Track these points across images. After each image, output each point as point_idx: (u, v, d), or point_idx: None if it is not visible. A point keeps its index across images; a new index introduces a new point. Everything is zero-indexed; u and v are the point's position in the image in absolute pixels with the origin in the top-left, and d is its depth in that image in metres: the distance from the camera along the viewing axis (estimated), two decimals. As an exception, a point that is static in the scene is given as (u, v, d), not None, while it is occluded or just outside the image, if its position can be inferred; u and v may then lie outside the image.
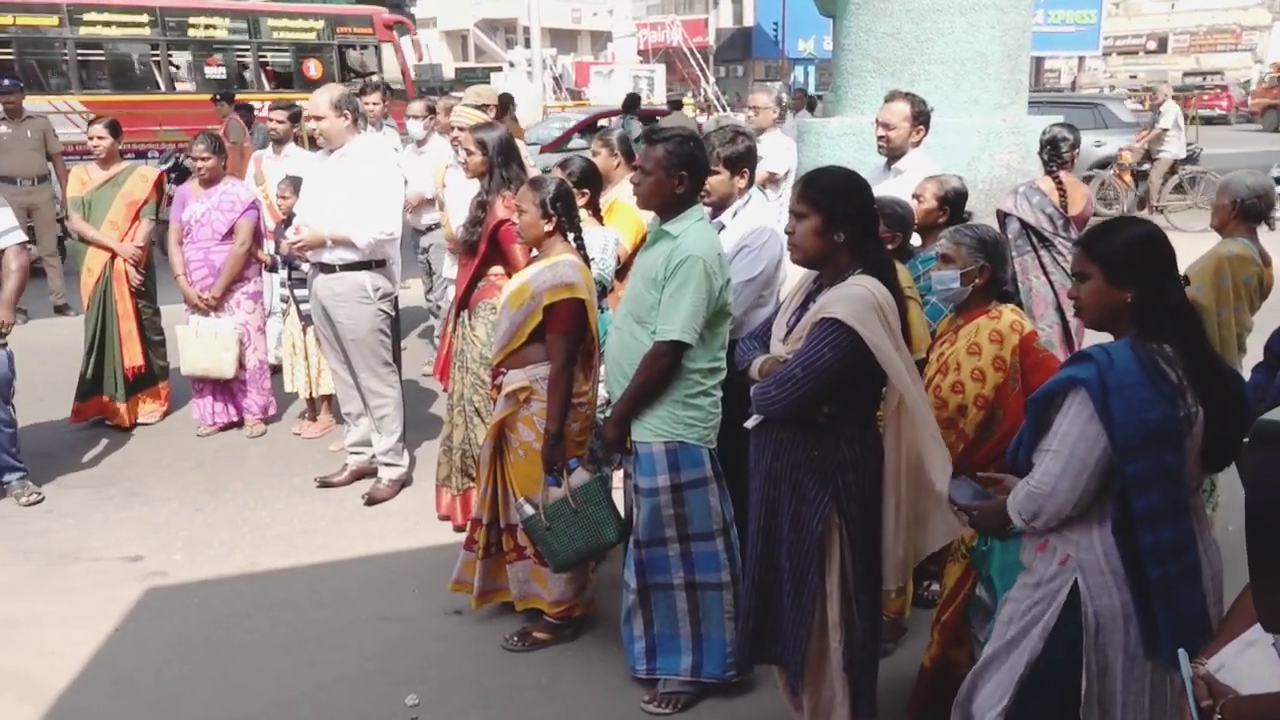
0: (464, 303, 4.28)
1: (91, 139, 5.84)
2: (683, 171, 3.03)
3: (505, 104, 7.76)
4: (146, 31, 15.33)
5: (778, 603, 2.70)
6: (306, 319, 5.38)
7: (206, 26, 16.09)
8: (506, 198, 4.00)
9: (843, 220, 2.53)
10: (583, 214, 3.94)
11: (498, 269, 4.20)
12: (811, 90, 25.98)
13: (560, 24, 45.40)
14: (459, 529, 4.38)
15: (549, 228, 3.45)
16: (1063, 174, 4.90)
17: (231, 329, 5.60)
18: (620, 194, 4.51)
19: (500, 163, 4.22)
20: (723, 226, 3.47)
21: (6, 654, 3.58)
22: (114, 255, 5.71)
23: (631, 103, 13.92)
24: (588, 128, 15.05)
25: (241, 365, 5.67)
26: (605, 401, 3.69)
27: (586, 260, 3.58)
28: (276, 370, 6.03)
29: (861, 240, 2.57)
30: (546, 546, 3.35)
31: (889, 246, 3.33)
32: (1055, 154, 4.89)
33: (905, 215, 3.76)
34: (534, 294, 3.37)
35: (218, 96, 11.77)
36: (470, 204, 4.30)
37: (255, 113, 11.04)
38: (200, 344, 5.58)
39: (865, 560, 2.62)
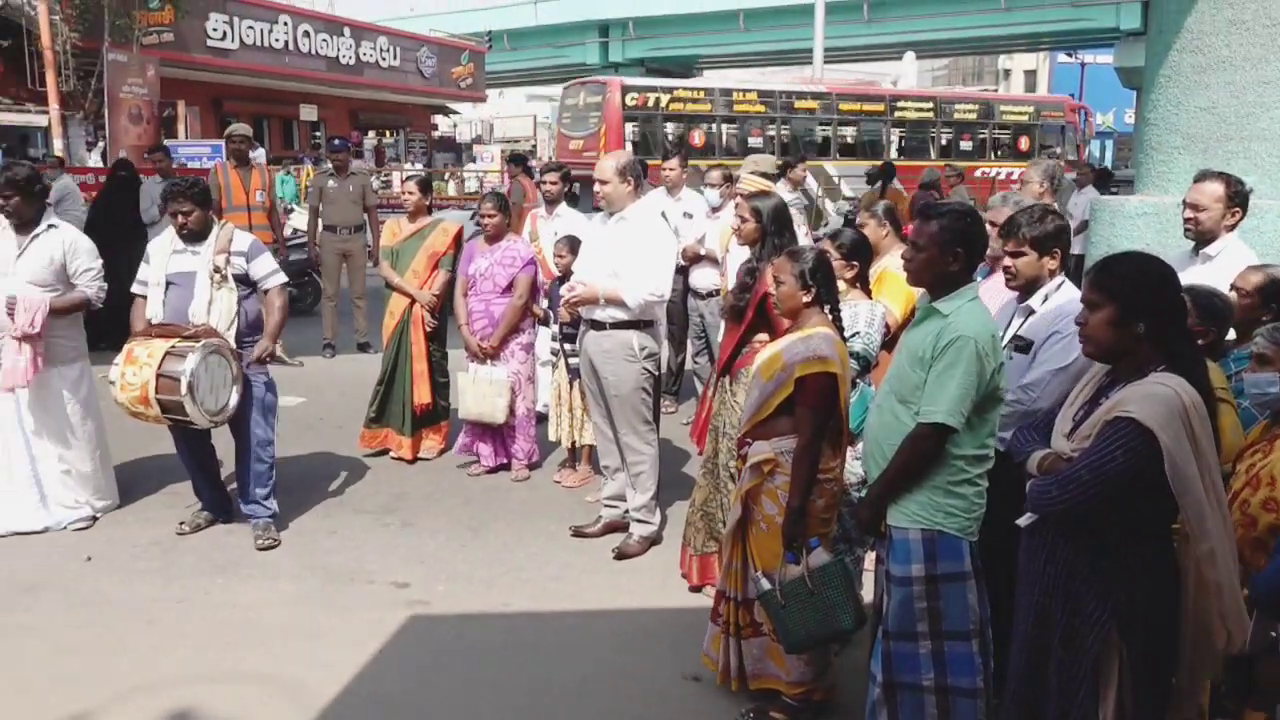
0: (726, 368, 4.30)
1: (404, 194, 6.42)
2: (958, 248, 2.91)
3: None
4: (930, 115, 24.85)
5: (1041, 725, 2.47)
6: (574, 372, 5.60)
7: (962, 110, 25.43)
8: (772, 267, 4.01)
9: (1143, 311, 2.32)
10: (844, 286, 3.87)
11: (763, 336, 4.19)
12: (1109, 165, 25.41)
13: (841, 95, 45.47)
14: (694, 589, 4.41)
15: (806, 299, 3.40)
16: None
17: (505, 377, 5.92)
18: (889, 264, 4.42)
19: (773, 231, 4.25)
20: (1031, 311, 3.29)
21: (284, 660, 3.90)
22: (413, 301, 6.22)
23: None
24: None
25: (512, 412, 5.98)
26: (860, 481, 3.57)
27: (842, 334, 3.51)
28: (542, 419, 6.31)
29: (1166, 333, 2.34)
30: (781, 625, 3.26)
31: (1200, 342, 3.02)
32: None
33: (1224, 308, 3.41)
34: (785, 365, 3.33)
35: (509, 159, 12.64)
36: (738, 270, 4.34)
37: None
38: (476, 389, 5.94)
39: (1148, 691, 2.34)
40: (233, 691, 3.68)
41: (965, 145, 24.69)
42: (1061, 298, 3.27)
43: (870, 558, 3.82)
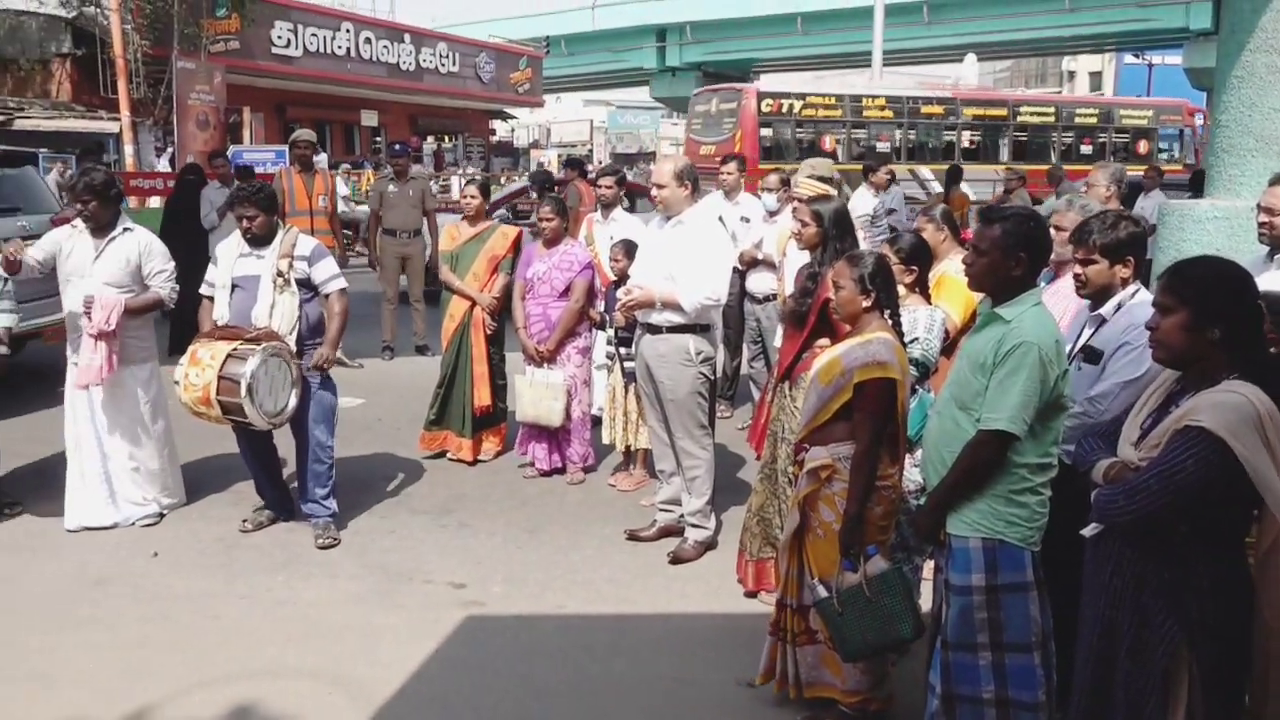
0: (786, 373, 4.28)
1: (464, 198, 6.50)
2: (1021, 252, 2.86)
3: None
4: (1052, 120, 25.09)
5: (1106, 739, 2.41)
6: (629, 376, 5.61)
7: (1082, 115, 25.78)
8: (832, 272, 3.98)
9: (1218, 316, 2.26)
10: (903, 291, 3.83)
11: (824, 341, 4.16)
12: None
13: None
14: (750, 594, 4.39)
15: (866, 304, 3.37)
16: None
17: (561, 380, 5.94)
18: (948, 269, 4.36)
19: (835, 235, 4.22)
20: (1103, 320, 3.23)
21: (343, 658, 3.96)
22: (473, 304, 6.28)
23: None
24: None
25: (568, 415, 6.00)
26: (919, 488, 3.52)
27: (902, 339, 3.46)
28: (597, 422, 6.33)
29: (1241, 340, 2.27)
30: (838, 633, 3.22)
31: (1274, 350, 2.93)
32: None
33: None
34: (844, 370, 3.29)
35: (566, 163, 12.72)
36: (799, 275, 4.32)
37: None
38: (533, 393, 5.97)
39: (1219, 705, 2.28)
40: (293, 687, 3.74)
41: (1085, 149, 24.77)
42: (1136, 307, 3.19)
43: (928, 566, 3.76)
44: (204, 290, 5.13)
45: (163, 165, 18.61)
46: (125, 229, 5.14)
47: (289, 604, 4.41)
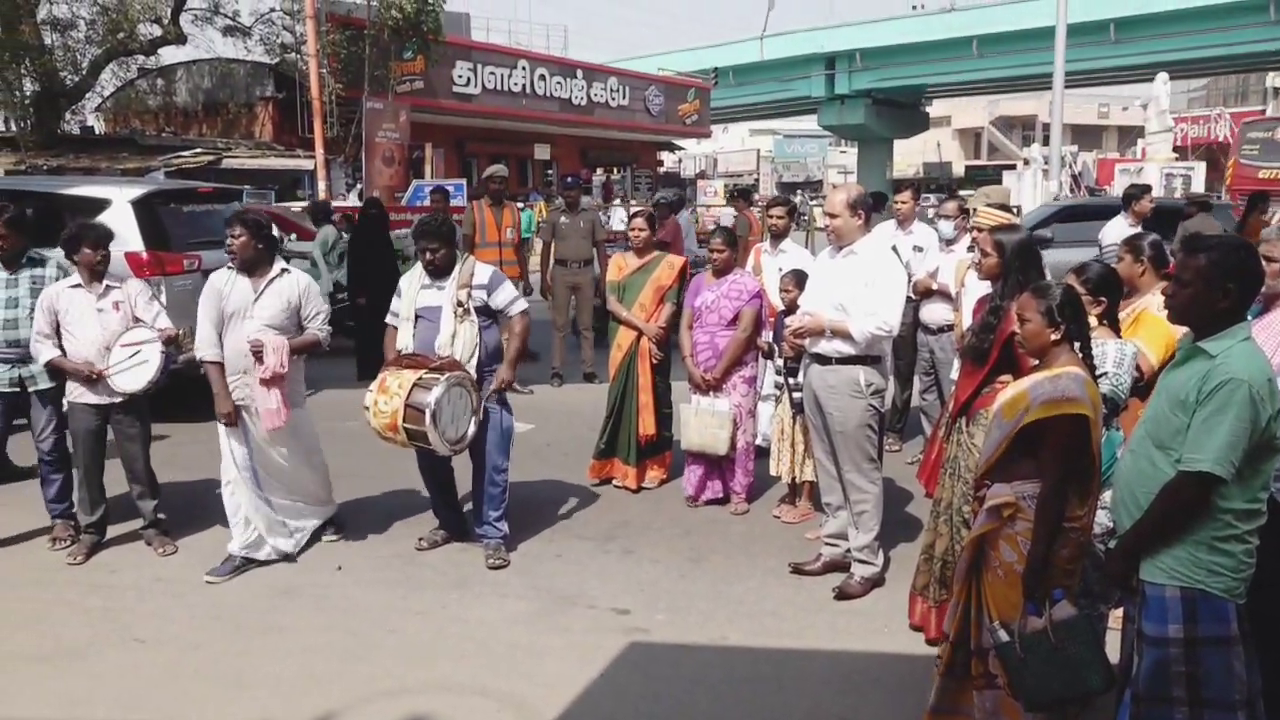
0: (963, 409, 4.12)
1: (632, 230, 6.60)
2: (1229, 283, 2.67)
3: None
4: None
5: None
6: (797, 407, 5.54)
7: None
8: (1018, 304, 3.81)
9: None
10: (1091, 323, 3.63)
11: (1006, 377, 3.99)
12: None
13: (1084, 120, 43.36)
14: (930, 642, 4.20)
15: (1055, 337, 3.22)
16: None
17: (727, 409, 5.93)
18: (1150, 304, 4.11)
19: (1017, 267, 4.05)
20: None
21: (511, 676, 4.05)
22: (640, 334, 6.36)
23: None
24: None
25: (732, 445, 5.98)
26: (1108, 531, 3.33)
27: (1093, 373, 3.28)
28: (762, 453, 6.27)
29: None
30: (1020, 679, 3.05)
31: None
32: None
33: None
34: (1029, 405, 3.14)
35: (735, 194, 12.78)
36: (977, 307, 4.16)
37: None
38: (699, 421, 5.98)
39: None
40: (464, 703, 3.85)
41: None
42: None
43: (1114, 614, 3.53)
44: (389, 320, 5.38)
45: (351, 200, 19.79)
46: (283, 270, 5.20)
47: (461, 621, 4.56)
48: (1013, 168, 34.75)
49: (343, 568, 5.17)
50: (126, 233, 7.35)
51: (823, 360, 4.75)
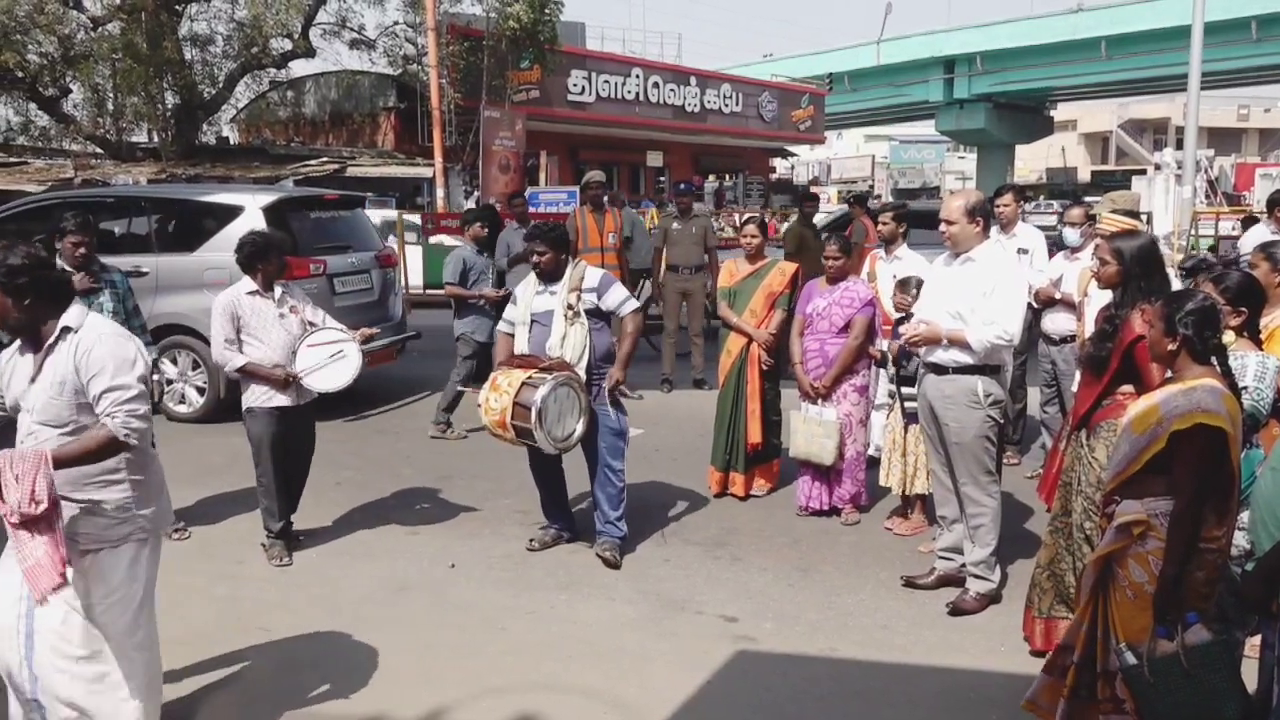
0: (1083, 421, 3.98)
1: (744, 237, 6.57)
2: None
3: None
4: None
5: None
6: (910, 417, 5.43)
7: None
8: (1145, 311, 3.66)
9: None
10: (1229, 335, 3.46)
11: (1127, 388, 3.84)
12: None
13: (1222, 123, 41.32)
14: (1036, 653, 4.07)
15: (1171, 346, 3.07)
16: None
17: (835, 418, 5.85)
18: (1287, 317, 3.89)
19: (1138, 274, 3.88)
20: None
21: (618, 679, 4.08)
22: (750, 340, 6.33)
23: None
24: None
25: (841, 454, 5.89)
26: (1245, 553, 3.16)
27: (1234, 388, 3.12)
28: (874, 463, 6.17)
29: None
30: (1149, 706, 2.93)
31: None
32: None
33: None
34: (1162, 419, 3.00)
35: (851, 199, 12.61)
36: (1097, 317, 4.01)
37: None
38: (807, 429, 5.91)
39: None
40: (571, 703, 3.89)
41: None
42: None
43: (1253, 642, 3.35)
44: (502, 328, 5.50)
45: (469, 206, 20.29)
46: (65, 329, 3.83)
47: (569, 622, 4.61)
48: (1143, 173, 33.36)
49: (456, 565, 5.28)
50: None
51: (939, 370, 4.65)
